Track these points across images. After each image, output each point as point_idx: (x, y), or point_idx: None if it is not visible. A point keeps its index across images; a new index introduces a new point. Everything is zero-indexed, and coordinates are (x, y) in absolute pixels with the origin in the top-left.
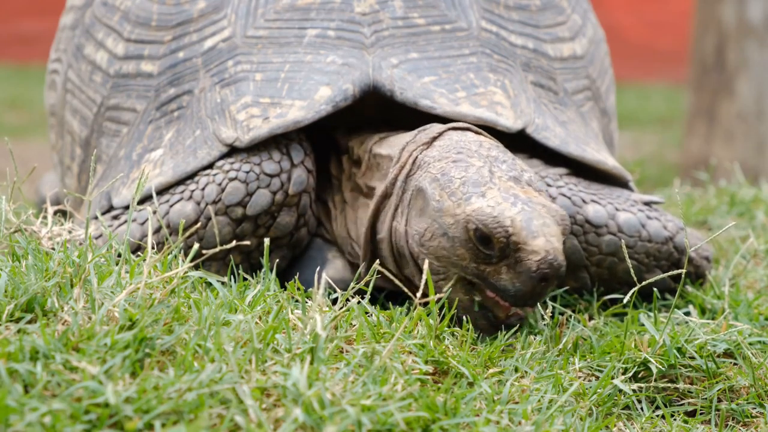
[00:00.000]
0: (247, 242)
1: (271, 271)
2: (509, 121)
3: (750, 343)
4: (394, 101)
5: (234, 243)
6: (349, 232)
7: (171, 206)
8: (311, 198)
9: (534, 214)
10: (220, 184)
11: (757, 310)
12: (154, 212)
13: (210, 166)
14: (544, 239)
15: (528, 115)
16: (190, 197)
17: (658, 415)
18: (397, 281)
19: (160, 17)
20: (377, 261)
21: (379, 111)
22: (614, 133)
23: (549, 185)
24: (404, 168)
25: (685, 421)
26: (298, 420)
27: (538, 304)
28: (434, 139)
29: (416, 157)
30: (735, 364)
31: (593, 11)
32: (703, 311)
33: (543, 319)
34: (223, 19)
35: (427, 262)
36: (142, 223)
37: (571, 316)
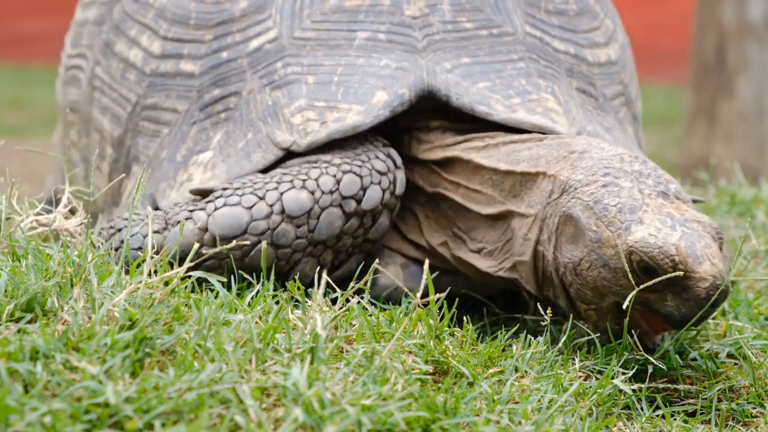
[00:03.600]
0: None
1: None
2: (564, 128)
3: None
4: (449, 106)
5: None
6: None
7: (282, 194)
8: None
9: (695, 237)
10: (335, 176)
11: (757, 310)
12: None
13: (264, 170)
14: (709, 264)
15: (579, 122)
16: (303, 186)
17: (658, 415)
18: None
19: (199, 16)
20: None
21: (423, 114)
22: (641, 138)
23: None
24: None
25: (685, 421)
26: (298, 420)
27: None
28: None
29: (559, 180)
30: (735, 364)
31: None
32: None
33: (544, 319)
34: (267, 20)
35: (427, 262)
36: (249, 207)
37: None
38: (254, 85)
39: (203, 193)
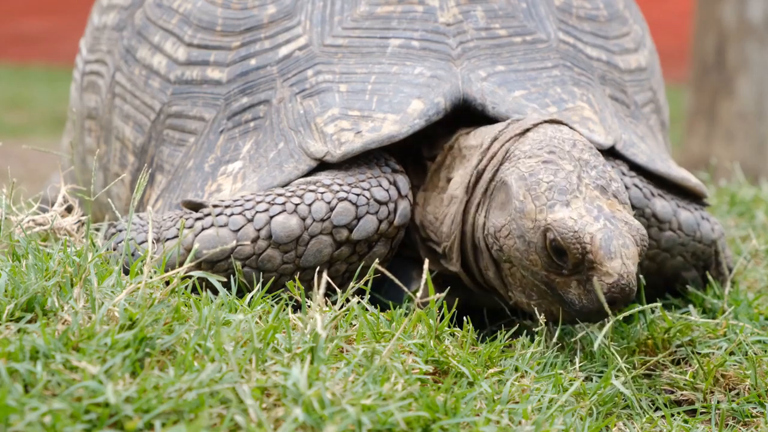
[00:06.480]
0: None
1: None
2: (601, 138)
3: (752, 342)
4: (484, 115)
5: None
6: (432, 231)
7: (271, 217)
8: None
9: (615, 233)
10: (329, 203)
11: (757, 310)
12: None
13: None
14: (620, 262)
15: (615, 131)
16: (294, 211)
17: (658, 415)
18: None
19: (226, 22)
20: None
21: (454, 122)
22: (669, 145)
23: (624, 173)
24: (494, 158)
25: (685, 421)
26: (299, 419)
27: None
28: (527, 130)
29: (508, 149)
30: (736, 363)
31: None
32: (703, 311)
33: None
34: (297, 26)
35: (426, 262)
36: (236, 230)
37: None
38: (284, 93)
39: (194, 207)
